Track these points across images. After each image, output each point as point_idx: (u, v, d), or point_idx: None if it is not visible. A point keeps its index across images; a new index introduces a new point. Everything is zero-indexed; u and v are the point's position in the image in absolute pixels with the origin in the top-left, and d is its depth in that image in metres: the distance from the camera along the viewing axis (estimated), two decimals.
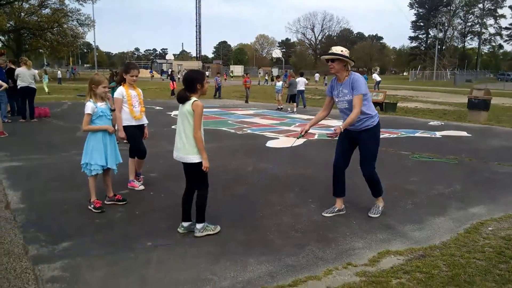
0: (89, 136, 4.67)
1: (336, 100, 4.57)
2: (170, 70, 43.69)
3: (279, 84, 18.31)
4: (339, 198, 4.79)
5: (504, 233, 4.22)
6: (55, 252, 3.63)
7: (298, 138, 4.81)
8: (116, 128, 4.99)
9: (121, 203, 4.91)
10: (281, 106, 17.47)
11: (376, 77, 34.86)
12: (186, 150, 3.91)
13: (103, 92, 4.62)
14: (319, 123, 4.88)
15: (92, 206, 4.64)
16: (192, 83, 3.85)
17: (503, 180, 6.34)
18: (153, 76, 62.86)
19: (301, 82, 18.16)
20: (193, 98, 3.84)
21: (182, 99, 3.88)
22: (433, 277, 3.24)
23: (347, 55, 4.41)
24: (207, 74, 46.49)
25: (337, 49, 4.41)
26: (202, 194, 4.02)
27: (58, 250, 3.66)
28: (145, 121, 5.53)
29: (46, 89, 24.16)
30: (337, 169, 4.71)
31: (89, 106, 4.54)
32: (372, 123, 4.48)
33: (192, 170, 3.97)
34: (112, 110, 4.77)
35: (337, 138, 4.53)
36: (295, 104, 16.74)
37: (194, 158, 3.89)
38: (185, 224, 4.13)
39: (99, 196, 4.77)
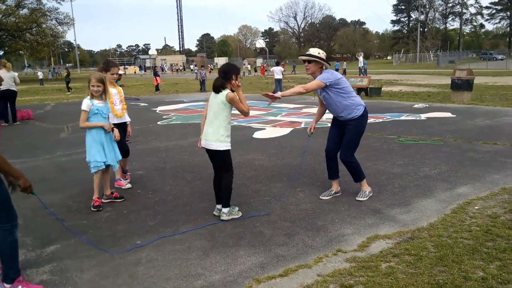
0: (87, 134, 4.66)
1: (320, 96, 4.77)
2: (153, 65, 43.30)
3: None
4: (335, 180, 4.93)
5: (490, 211, 4.27)
6: (43, 256, 3.59)
7: (309, 136, 4.98)
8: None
9: (119, 200, 4.92)
10: None
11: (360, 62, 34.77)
12: (214, 137, 4.15)
13: (92, 91, 4.59)
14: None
15: (91, 204, 4.65)
16: (228, 74, 4.07)
17: (487, 158, 6.42)
18: (125, 73, 55.68)
19: (277, 71, 18.30)
20: (227, 90, 4.08)
21: (217, 88, 4.13)
22: (421, 258, 3.28)
23: (324, 57, 4.53)
24: (191, 67, 45.68)
25: (314, 51, 4.53)
26: (227, 180, 4.25)
27: (46, 254, 3.62)
28: (127, 118, 5.47)
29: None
30: (328, 154, 4.87)
31: (85, 103, 4.54)
32: (356, 114, 4.58)
33: (217, 157, 4.24)
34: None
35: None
36: None
37: (220, 146, 4.15)
38: (219, 206, 4.37)
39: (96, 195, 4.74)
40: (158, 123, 11.04)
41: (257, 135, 9.05)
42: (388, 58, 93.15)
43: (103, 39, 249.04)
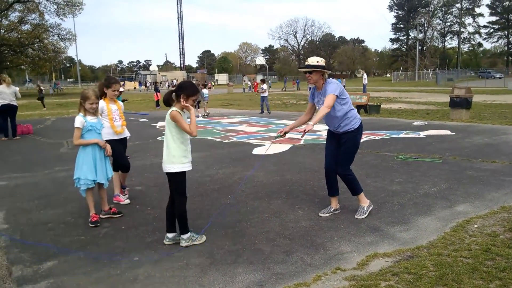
0: (79, 151, 4.65)
1: (317, 107, 4.74)
2: (150, 81, 43.30)
3: (206, 91, 19.22)
4: (334, 197, 4.91)
5: (490, 229, 4.26)
6: (40, 272, 3.56)
7: (276, 138, 4.88)
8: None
9: (117, 216, 4.89)
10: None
11: (365, 79, 34.99)
12: (165, 159, 3.95)
13: (90, 108, 4.62)
14: (291, 125, 4.99)
15: (89, 220, 4.62)
16: (178, 91, 3.87)
17: (486, 177, 6.42)
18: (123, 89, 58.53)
19: (263, 89, 19.06)
20: (172, 108, 3.86)
21: (165, 102, 3.96)
22: (421, 277, 3.25)
23: (323, 64, 4.54)
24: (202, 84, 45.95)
25: (312, 61, 4.54)
26: (179, 207, 4.01)
27: (43, 270, 3.59)
28: (127, 134, 5.50)
29: None
30: (327, 170, 4.84)
31: (78, 120, 4.55)
32: (352, 127, 4.60)
33: (170, 180, 4.01)
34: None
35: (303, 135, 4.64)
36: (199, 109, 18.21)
37: (172, 168, 3.91)
38: (170, 235, 4.10)
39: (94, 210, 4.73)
40: (158, 138, 11.04)
41: (256, 151, 9.06)
42: (387, 75, 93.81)
43: (105, 55, 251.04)
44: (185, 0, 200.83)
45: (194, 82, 21.75)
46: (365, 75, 31.42)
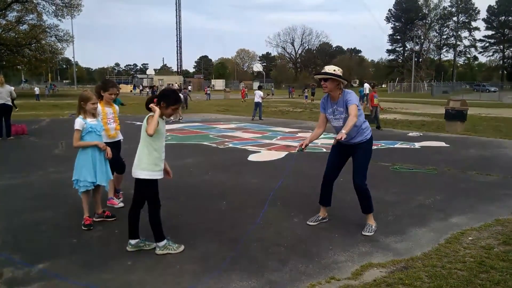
0: (79, 152, 4.62)
1: (331, 117, 4.59)
2: (146, 85, 43.12)
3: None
4: (325, 207, 4.85)
5: (484, 242, 4.26)
6: (31, 274, 3.52)
7: (297, 152, 4.72)
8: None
9: (110, 219, 4.86)
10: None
11: (366, 89, 35.00)
12: (136, 164, 3.88)
13: (92, 109, 4.60)
14: (302, 135, 4.95)
15: (82, 223, 4.57)
16: (160, 98, 3.81)
17: (481, 189, 6.44)
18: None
19: (257, 95, 18.93)
20: (151, 113, 3.77)
21: (147, 107, 3.82)
22: None
23: (340, 74, 4.41)
24: (189, 89, 45.48)
25: (329, 69, 4.42)
26: (151, 214, 3.95)
27: (34, 272, 3.55)
28: (120, 137, 5.45)
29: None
30: (326, 179, 4.78)
31: (78, 122, 4.52)
32: (365, 138, 4.56)
33: (137, 187, 3.92)
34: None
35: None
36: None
37: (140, 174, 3.85)
38: (133, 241, 4.03)
39: (90, 213, 4.71)
40: None
41: (252, 158, 9.04)
42: (383, 86, 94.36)
43: (102, 57, 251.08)
44: (184, 5, 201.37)
45: (173, 87, 22.01)
46: (366, 85, 31.57)
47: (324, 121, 4.74)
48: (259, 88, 20.82)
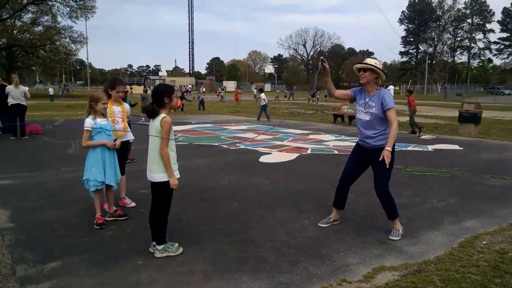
0: (89, 152, 4.66)
1: (360, 108, 4.44)
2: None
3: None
4: (336, 209, 4.81)
5: (498, 246, 4.20)
6: (44, 272, 3.55)
7: (317, 73, 4.46)
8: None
9: (122, 218, 4.89)
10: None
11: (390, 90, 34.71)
12: (152, 168, 3.82)
13: (102, 109, 4.63)
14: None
15: (95, 222, 4.62)
16: (159, 97, 3.80)
17: (495, 193, 6.34)
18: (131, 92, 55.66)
19: (261, 98, 19.67)
20: (162, 114, 3.78)
21: (151, 114, 3.81)
22: None
23: (380, 68, 4.31)
24: (202, 91, 45.74)
25: (370, 61, 4.34)
26: (160, 218, 3.89)
27: (47, 270, 3.58)
28: (129, 137, 5.44)
29: None
30: (343, 183, 4.71)
31: (88, 122, 4.56)
32: (385, 142, 4.29)
33: (156, 190, 3.87)
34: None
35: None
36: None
37: (160, 177, 3.79)
38: (160, 247, 3.95)
39: (101, 213, 4.76)
40: None
41: (263, 159, 9.03)
42: (396, 88, 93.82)
43: (115, 58, 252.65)
44: (196, 7, 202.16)
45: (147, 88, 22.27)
46: (390, 87, 31.34)
47: (344, 93, 4.64)
48: (261, 91, 21.73)
